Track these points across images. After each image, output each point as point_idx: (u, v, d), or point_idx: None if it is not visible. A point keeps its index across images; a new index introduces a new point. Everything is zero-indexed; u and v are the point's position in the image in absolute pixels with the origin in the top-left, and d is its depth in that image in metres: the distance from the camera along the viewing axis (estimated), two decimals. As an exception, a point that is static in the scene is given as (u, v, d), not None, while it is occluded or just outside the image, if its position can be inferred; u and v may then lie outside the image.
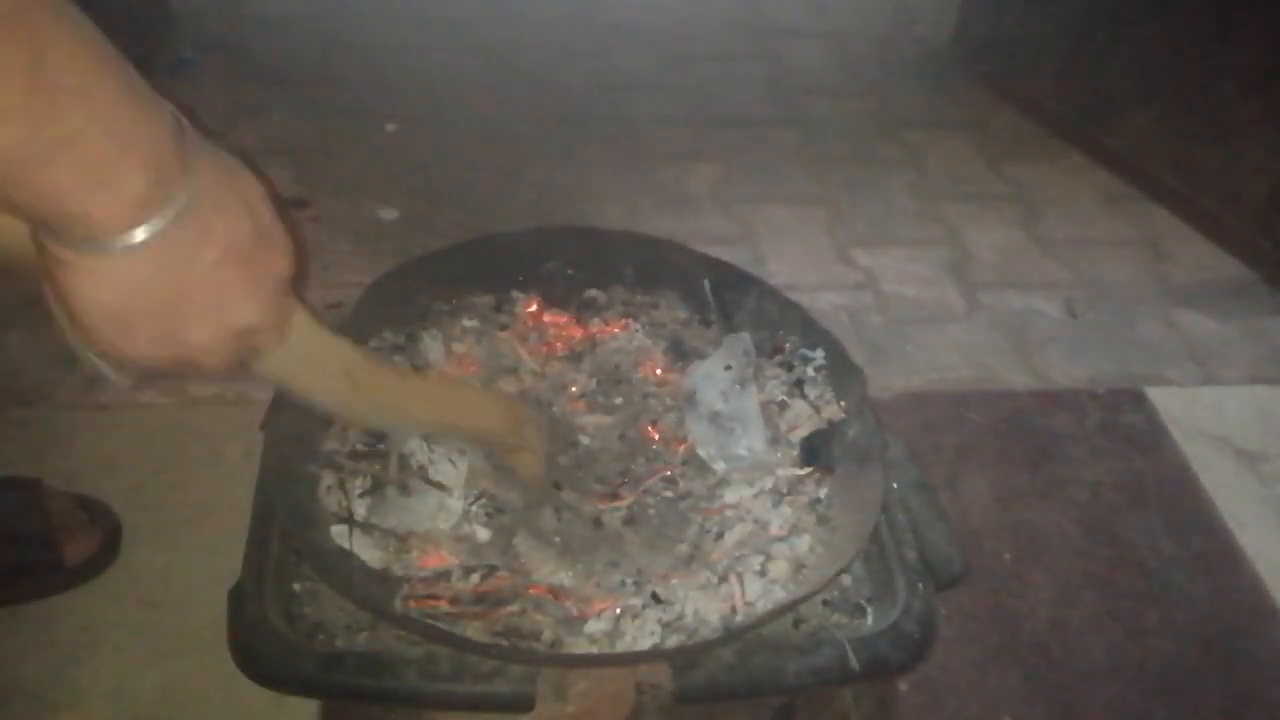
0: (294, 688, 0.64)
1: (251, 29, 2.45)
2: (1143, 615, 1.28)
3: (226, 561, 0.71)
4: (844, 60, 2.54)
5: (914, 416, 1.53)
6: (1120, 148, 2.10)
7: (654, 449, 0.84)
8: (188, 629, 1.13)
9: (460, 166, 2.01)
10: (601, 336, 0.92)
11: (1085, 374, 1.65)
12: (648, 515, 0.78)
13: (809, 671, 0.66)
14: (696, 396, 0.86)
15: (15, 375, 1.47)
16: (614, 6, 2.68)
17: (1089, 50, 2.12)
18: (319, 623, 0.69)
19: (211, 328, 0.48)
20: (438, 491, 0.75)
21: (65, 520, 1.19)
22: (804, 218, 1.96)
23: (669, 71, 2.42)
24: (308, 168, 1.97)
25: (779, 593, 0.71)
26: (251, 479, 0.75)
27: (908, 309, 1.76)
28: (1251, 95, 1.82)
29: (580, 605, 0.70)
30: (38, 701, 1.08)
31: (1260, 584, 1.32)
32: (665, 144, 2.14)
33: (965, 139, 2.23)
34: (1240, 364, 1.69)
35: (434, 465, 0.76)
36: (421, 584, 0.70)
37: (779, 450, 0.83)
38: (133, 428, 1.40)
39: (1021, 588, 1.30)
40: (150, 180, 0.42)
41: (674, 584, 0.72)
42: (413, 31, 2.49)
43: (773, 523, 0.77)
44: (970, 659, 1.21)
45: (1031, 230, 1.98)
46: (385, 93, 2.24)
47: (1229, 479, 1.46)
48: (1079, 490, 1.44)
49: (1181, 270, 1.90)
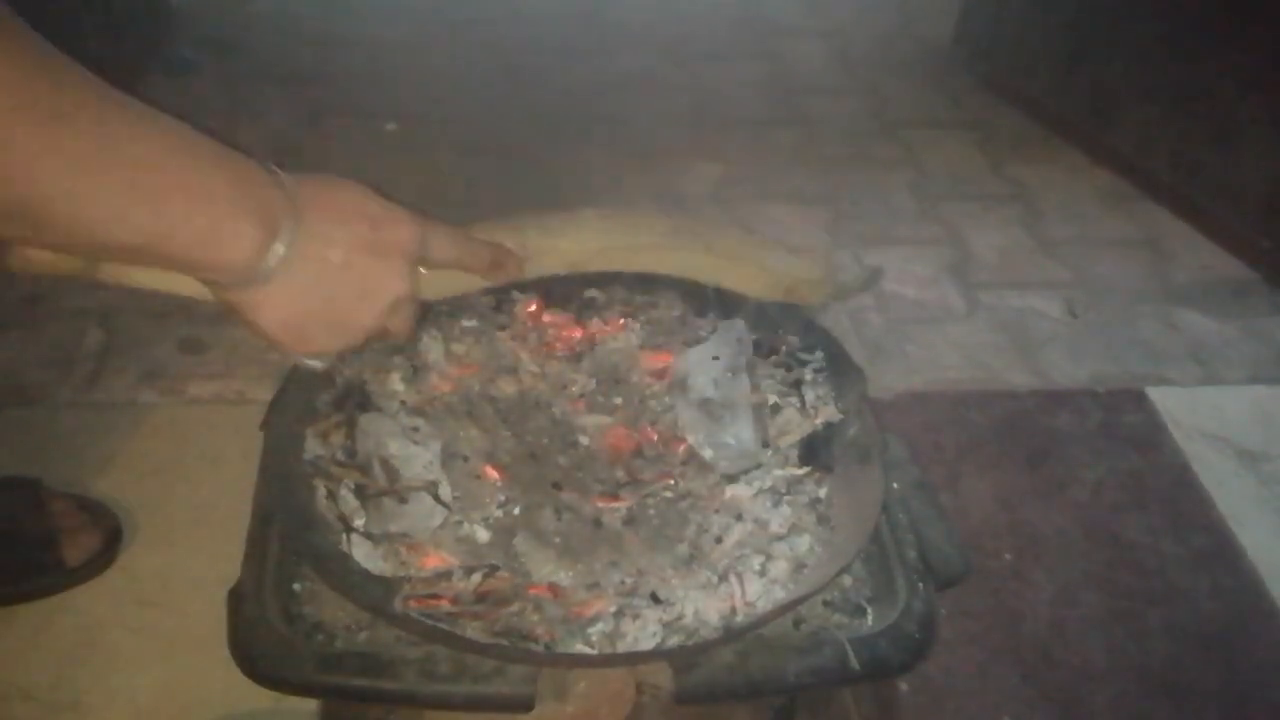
0: (294, 688, 0.64)
1: (251, 28, 2.45)
2: (1143, 615, 1.28)
3: (226, 561, 0.71)
4: (844, 60, 2.54)
5: (914, 416, 1.53)
6: (1120, 147, 2.10)
7: (654, 449, 0.84)
8: (188, 629, 1.13)
9: (460, 166, 2.01)
10: (601, 336, 0.92)
11: (1085, 374, 1.65)
12: (648, 515, 0.78)
13: (809, 671, 0.66)
14: (688, 382, 0.86)
15: (15, 375, 1.48)
16: (614, 6, 2.68)
17: (1089, 50, 2.12)
18: (319, 623, 0.69)
19: (368, 309, 0.57)
20: (429, 495, 0.75)
21: (65, 520, 1.19)
22: (804, 218, 1.96)
23: (669, 71, 2.42)
24: (308, 168, 1.97)
25: (779, 593, 0.71)
26: (251, 479, 0.75)
27: (908, 309, 1.76)
28: (1251, 95, 1.82)
29: (580, 605, 0.70)
30: (37, 701, 1.08)
31: (1260, 584, 1.32)
32: (665, 144, 2.14)
33: (965, 139, 2.23)
34: (1240, 364, 1.69)
35: (406, 463, 0.77)
36: (422, 584, 0.70)
37: (770, 451, 0.83)
38: (133, 428, 1.40)
39: (1021, 588, 1.30)
40: (259, 224, 0.51)
41: (674, 584, 0.72)
42: (413, 31, 2.49)
43: (772, 522, 0.77)
44: (970, 659, 1.21)
45: (1032, 230, 1.98)
46: (385, 93, 2.24)
47: (1229, 479, 1.46)
48: (1079, 490, 1.44)
49: (1181, 270, 1.90)
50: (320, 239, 0.54)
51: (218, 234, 0.50)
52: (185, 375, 1.51)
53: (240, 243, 0.50)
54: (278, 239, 0.52)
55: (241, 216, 0.50)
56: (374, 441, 0.78)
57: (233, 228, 0.50)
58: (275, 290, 0.53)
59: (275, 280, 0.53)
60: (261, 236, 0.51)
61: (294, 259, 0.53)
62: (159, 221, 0.47)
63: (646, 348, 0.91)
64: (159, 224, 0.47)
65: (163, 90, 2.09)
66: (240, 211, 0.50)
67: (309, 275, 0.54)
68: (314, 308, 0.55)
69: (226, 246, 0.50)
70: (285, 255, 0.52)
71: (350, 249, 0.55)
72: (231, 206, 0.50)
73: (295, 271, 0.53)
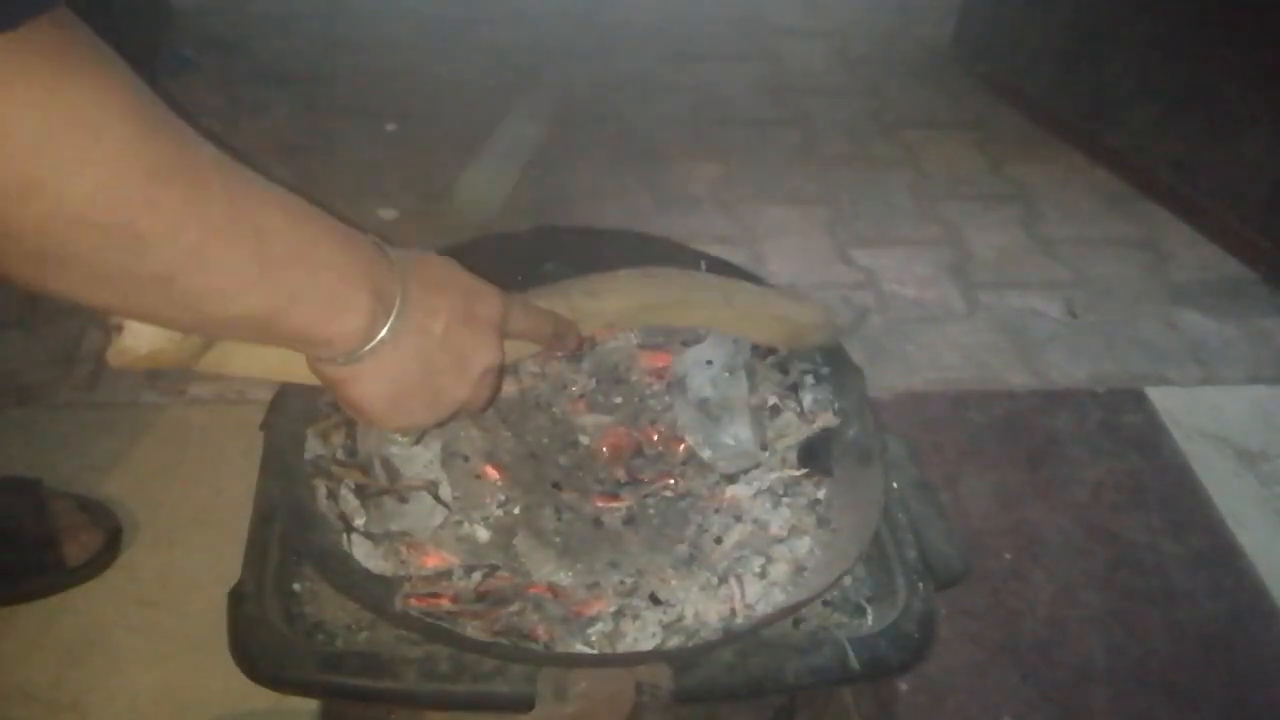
0: (294, 688, 0.64)
1: (251, 28, 2.45)
2: (1143, 615, 1.28)
3: (226, 561, 0.71)
4: (844, 60, 2.54)
5: (914, 416, 1.53)
6: (1120, 147, 2.10)
7: (654, 449, 0.84)
8: (188, 629, 1.13)
9: (460, 166, 2.01)
10: (601, 336, 0.92)
11: (1085, 374, 1.65)
12: (648, 515, 0.78)
13: (809, 671, 0.66)
14: (686, 382, 0.86)
15: (15, 375, 1.48)
16: (614, 6, 2.68)
17: (1089, 50, 2.12)
18: (319, 623, 0.69)
19: (465, 381, 0.57)
20: (430, 494, 0.75)
21: (65, 520, 1.19)
22: (804, 218, 1.96)
23: (669, 71, 2.42)
24: (308, 168, 1.98)
25: (779, 595, 0.71)
26: (251, 479, 0.75)
27: (908, 309, 1.76)
28: (1251, 95, 1.82)
29: (580, 605, 0.70)
30: (38, 701, 1.08)
31: (1260, 584, 1.32)
32: (665, 144, 2.14)
33: (965, 139, 2.23)
34: (1240, 364, 1.69)
35: (407, 462, 0.77)
36: (423, 583, 0.70)
37: (768, 453, 0.83)
38: (133, 428, 1.40)
39: (1021, 588, 1.30)
40: (372, 295, 0.51)
41: (674, 585, 0.72)
42: (413, 31, 2.49)
43: (772, 524, 0.77)
44: (970, 659, 1.21)
45: (1031, 230, 1.98)
46: (385, 93, 2.24)
47: (1229, 479, 1.46)
48: (1079, 490, 1.44)
49: (1181, 270, 1.90)
50: (424, 310, 0.54)
51: (334, 305, 0.49)
52: (186, 375, 1.51)
53: (356, 314, 0.50)
54: (387, 313, 0.52)
55: (357, 288, 0.50)
56: (374, 441, 0.78)
57: (349, 300, 0.50)
58: (381, 363, 0.53)
59: (382, 352, 0.52)
60: (376, 307, 0.51)
61: (401, 330, 0.52)
62: (280, 292, 0.47)
63: (645, 347, 0.91)
64: (279, 295, 0.47)
65: (163, 90, 2.07)
66: (356, 283, 0.50)
67: (413, 347, 0.54)
68: (414, 381, 0.55)
69: (342, 318, 0.50)
70: (395, 326, 0.52)
71: (450, 320, 0.55)
72: (348, 278, 0.50)
73: (401, 343, 0.53)
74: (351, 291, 0.50)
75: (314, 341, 0.51)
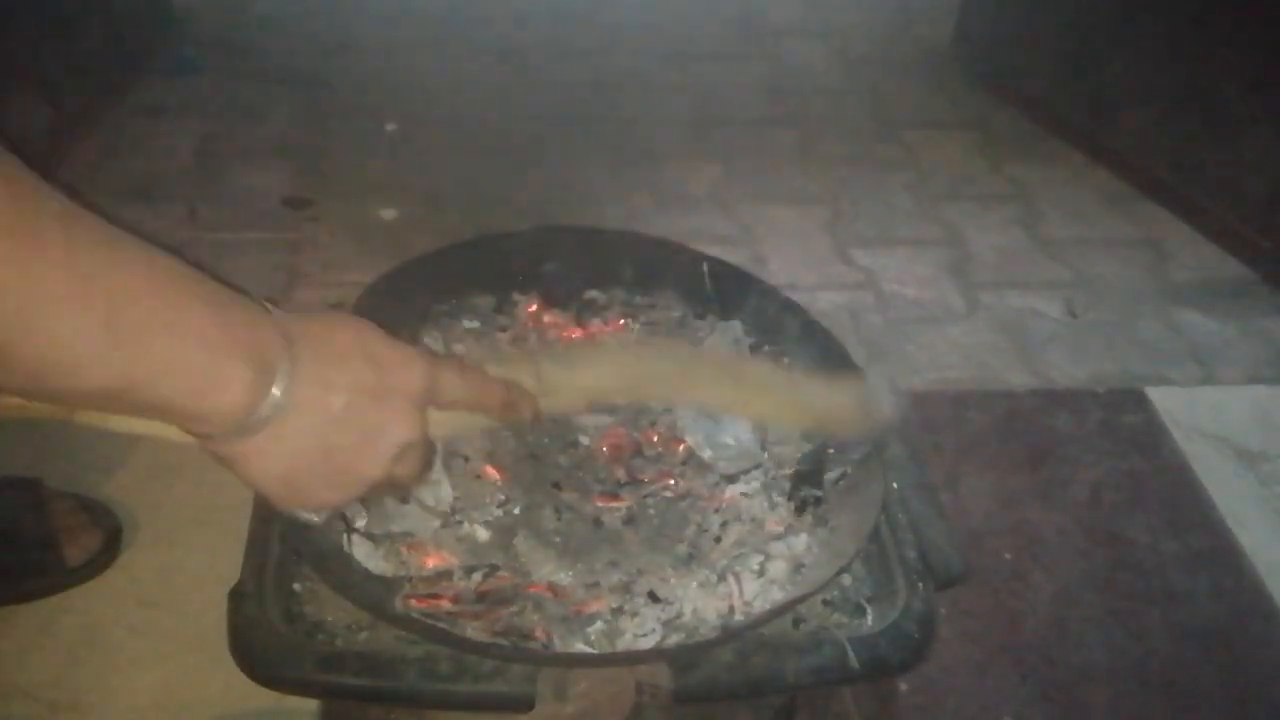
0: (294, 688, 0.64)
1: (252, 28, 2.45)
2: (1143, 615, 1.28)
3: (226, 561, 0.71)
4: (844, 60, 2.54)
5: (914, 416, 1.53)
6: (1120, 147, 2.10)
7: (654, 449, 0.84)
8: (188, 629, 1.13)
9: (460, 166, 2.01)
10: (601, 337, 0.92)
11: (1085, 374, 1.65)
12: (647, 515, 0.78)
13: (809, 671, 0.66)
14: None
15: (15, 375, 1.47)
16: (614, 6, 2.68)
17: (1089, 50, 2.12)
18: (319, 623, 0.69)
19: (375, 459, 0.51)
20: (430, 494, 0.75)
21: (65, 520, 1.19)
22: (804, 218, 1.96)
23: (669, 71, 2.42)
24: (308, 168, 1.98)
25: (777, 593, 0.71)
26: (252, 479, 0.75)
27: (908, 309, 1.76)
28: (1251, 95, 1.82)
29: (580, 605, 0.70)
30: (37, 701, 1.08)
31: (1260, 584, 1.32)
32: (665, 144, 2.15)
33: (965, 139, 2.24)
34: (1240, 364, 1.69)
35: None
36: (423, 583, 0.70)
37: (767, 453, 0.83)
38: (132, 428, 1.39)
39: (1021, 588, 1.30)
40: (251, 367, 0.45)
41: (673, 583, 0.72)
42: (413, 31, 2.50)
43: (770, 522, 0.77)
44: (970, 659, 1.21)
45: (1031, 230, 1.98)
46: (385, 93, 2.24)
47: (1229, 479, 1.46)
48: (1079, 490, 1.44)
49: (1181, 270, 1.90)
50: (319, 383, 0.48)
51: (206, 379, 0.44)
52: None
53: (231, 389, 0.45)
54: (273, 384, 0.46)
55: (232, 359, 0.45)
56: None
57: (222, 372, 0.44)
58: (269, 441, 0.47)
59: (269, 430, 0.47)
60: (255, 382, 0.45)
61: (290, 406, 0.47)
62: (139, 365, 0.42)
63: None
64: (139, 368, 0.42)
65: (163, 90, 2.09)
66: (231, 354, 0.44)
67: (307, 424, 0.48)
68: (313, 460, 0.49)
69: (216, 393, 0.45)
70: (280, 402, 0.46)
71: (352, 393, 0.49)
72: (221, 349, 0.44)
73: (291, 420, 0.47)
74: (225, 363, 0.44)
75: (187, 418, 0.46)
